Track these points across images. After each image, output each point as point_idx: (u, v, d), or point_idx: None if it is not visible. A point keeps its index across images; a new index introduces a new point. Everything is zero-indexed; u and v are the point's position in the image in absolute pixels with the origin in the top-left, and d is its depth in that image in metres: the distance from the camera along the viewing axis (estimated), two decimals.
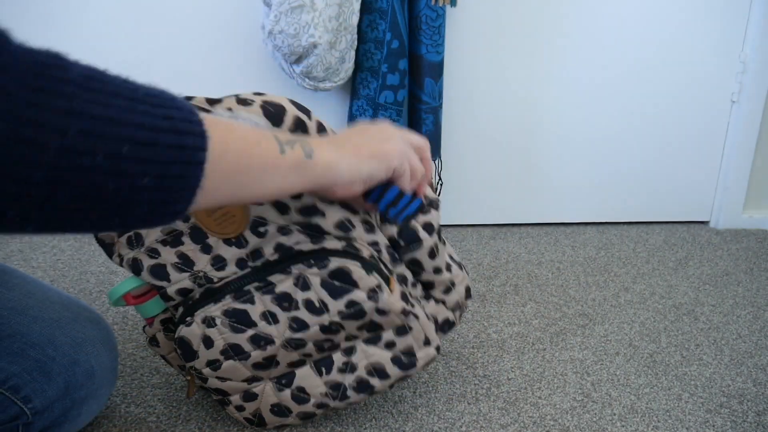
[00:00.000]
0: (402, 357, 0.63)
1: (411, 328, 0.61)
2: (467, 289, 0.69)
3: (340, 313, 0.58)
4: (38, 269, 1.10)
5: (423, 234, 0.61)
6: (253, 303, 0.58)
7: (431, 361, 0.64)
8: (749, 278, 1.16)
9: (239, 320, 0.59)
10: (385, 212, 0.54)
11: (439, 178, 1.31)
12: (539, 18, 1.27)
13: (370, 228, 0.60)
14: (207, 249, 0.60)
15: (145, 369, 0.82)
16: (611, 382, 0.82)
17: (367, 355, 0.63)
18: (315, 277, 0.57)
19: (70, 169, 0.32)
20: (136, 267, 0.61)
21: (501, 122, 1.33)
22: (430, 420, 0.73)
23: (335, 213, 0.58)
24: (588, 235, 1.37)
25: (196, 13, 1.19)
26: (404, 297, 0.60)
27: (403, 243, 0.61)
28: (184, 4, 1.18)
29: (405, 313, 0.60)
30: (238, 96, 0.55)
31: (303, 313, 0.58)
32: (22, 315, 0.62)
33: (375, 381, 0.64)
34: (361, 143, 0.51)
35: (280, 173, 0.44)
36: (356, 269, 0.56)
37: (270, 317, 0.59)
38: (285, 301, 0.58)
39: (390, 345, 0.62)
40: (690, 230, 1.42)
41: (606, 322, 0.98)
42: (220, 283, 0.60)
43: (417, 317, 0.61)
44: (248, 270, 0.60)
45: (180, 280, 0.61)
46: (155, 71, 1.23)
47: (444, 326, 0.69)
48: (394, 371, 0.63)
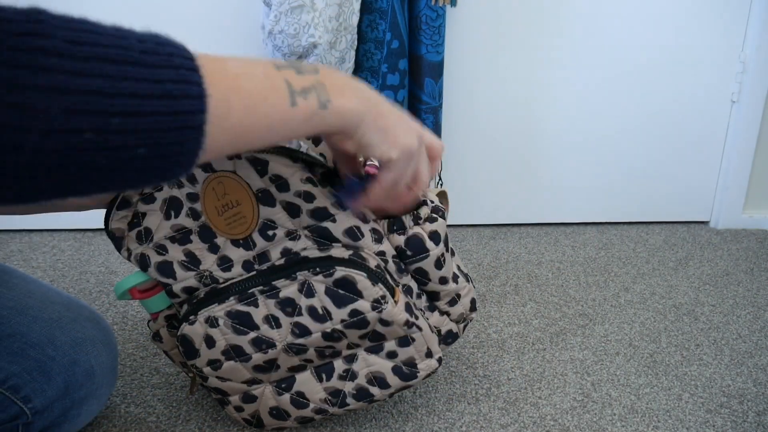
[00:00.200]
0: (403, 367, 0.63)
1: (414, 340, 0.61)
2: (472, 302, 0.68)
3: (342, 321, 0.58)
4: (38, 269, 1.10)
5: (429, 244, 0.60)
6: (256, 306, 0.58)
7: (433, 372, 0.64)
8: (749, 278, 1.16)
9: (242, 322, 0.59)
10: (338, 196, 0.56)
11: (439, 178, 1.31)
12: (539, 18, 1.27)
13: (378, 238, 0.59)
14: (214, 249, 0.60)
15: (145, 369, 0.82)
16: (611, 382, 0.82)
17: (368, 363, 0.62)
18: (320, 284, 0.57)
19: (58, 151, 0.30)
20: (143, 262, 0.61)
21: (501, 122, 1.33)
22: (430, 420, 0.73)
23: (346, 220, 0.58)
24: (588, 235, 1.37)
25: (195, 13, 1.19)
26: (408, 308, 0.60)
27: (410, 252, 0.61)
28: (184, 4, 1.18)
29: (408, 324, 0.59)
30: None
31: (306, 319, 0.58)
32: (22, 315, 0.62)
33: (375, 390, 0.64)
34: (380, 113, 0.47)
35: (288, 126, 0.42)
36: (361, 279, 0.56)
37: (273, 321, 0.59)
38: (288, 306, 0.58)
39: (392, 355, 0.62)
40: (690, 230, 1.42)
41: (606, 322, 0.98)
42: (226, 283, 0.60)
43: (420, 329, 0.61)
44: (254, 273, 0.60)
45: (186, 279, 0.61)
46: None
47: (447, 338, 0.69)
48: (394, 381, 0.63)
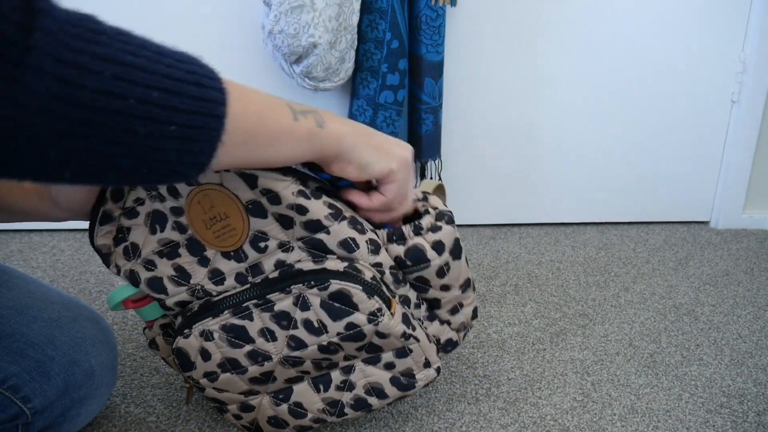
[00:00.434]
0: (401, 378, 0.62)
1: (411, 351, 0.61)
2: (474, 310, 0.68)
3: (338, 334, 0.57)
4: (38, 269, 1.10)
5: (431, 254, 0.59)
6: (251, 320, 0.58)
7: (431, 382, 0.64)
8: (749, 278, 1.16)
9: (237, 336, 0.58)
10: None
11: (440, 178, 1.31)
12: (539, 18, 1.27)
13: (375, 249, 0.58)
14: (204, 262, 0.59)
15: (145, 369, 0.82)
16: (611, 382, 0.82)
17: (365, 374, 0.62)
18: (315, 297, 0.56)
19: (105, 110, 0.34)
20: (133, 279, 0.60)
21: (501, 122, 1.33)
22: (430, 420, 0.73)
23: (341, 231, 0.56)
24: (588, 235, 1.37)
25: (195, 13, 1.19)
26: (406, 320, 0.59)
27: (409, 263, 0.59)
28: (184, 4, 1.18)
29: (405, 336, 0.59)
30: None
31: (301, 332, 0.58)
32: (22, 315, 0.62)
33: (373, 400, 0.63)
34: (371, 134, 0.53)
35: (292, 139, 0.46)
36: (357, 292, 0.55)
37: (268, 334, 0.58)
38: (284, 319, 0.57)
39: (389, 366, 0.61)
40: (690, 230, 1.42)
41: (606, 322, 0.98)
42: (219, 296, 0.59)
43: (418, 340, 0.60)
44: (248, 286, 0.59)
45: (178, 293, 0.60)
46: None
47: (447, 346, 0.68)
48: (392, 391, 0.63)
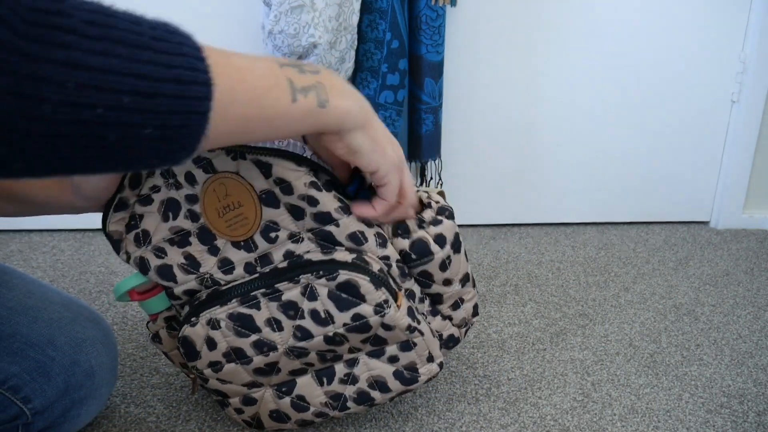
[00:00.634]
0: (404, 372, 0.63)
1: (415, 344, 0.61)
2: (475, 307, 0.69)
3: (345, 325, 0.58)
4: (38, 269, 1.10)
5: (434, 247, 0.60)
6: (258, 309, 0.58)
7: (434, 377, 0.64)
8: (749, 278, 1.16)
9: (243, 325, 0.59)
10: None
11: (440, 178, 1.31)
12: (539, 18, 1.27)
13: (382, 242, 0.59)
14: (214, 251, 0.60)
15: (145, 369, 0.82)
16: (611, 382, 0.82)
17: (369, 367, 0.62)
18: (322, 287, 0.57)
19: (70, 123, 0.31)
20: (143, 266, 0.61)
21: (501, 122, 1.33)
22: (430, 420, 0.73)
23: (350, 224, 0.57)
24: (588, 235, 1.37)
25: (195, 13, 1.19)
26: (411, 313, 0.60)
27: (414, 256, 0.60)
28: (184, 4, 1.18)
29: (410, 329, 0.59)
30: None
31: (308, 323, 0.58)
32: (22, 315, 0.62)
33: (376, 394, 0.64)
34: (371, 119, 0.50)
35: (288, 120, 0.44)
36: (365, 283, 0.56)
37: (275, 324, 0.59)
38: (291, 309, 0.58)
39: (393, 359, 0.62)
40: (690, 230, 1.42)
41: (606, 322, 0.98)
42: (228, 285, 0.60)
43: (422, 333, 0.61)
44: (256, 275, 0.59)
45: (187, 282, 0.61)
46: None
47: (449, 342, 0.69)
48: (395, 385, 0.63)
